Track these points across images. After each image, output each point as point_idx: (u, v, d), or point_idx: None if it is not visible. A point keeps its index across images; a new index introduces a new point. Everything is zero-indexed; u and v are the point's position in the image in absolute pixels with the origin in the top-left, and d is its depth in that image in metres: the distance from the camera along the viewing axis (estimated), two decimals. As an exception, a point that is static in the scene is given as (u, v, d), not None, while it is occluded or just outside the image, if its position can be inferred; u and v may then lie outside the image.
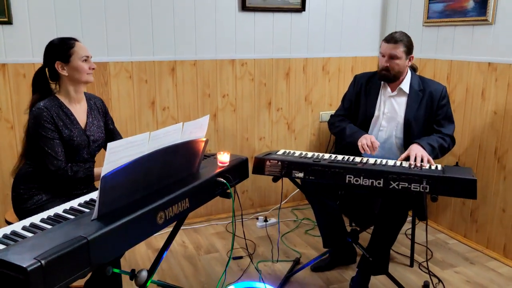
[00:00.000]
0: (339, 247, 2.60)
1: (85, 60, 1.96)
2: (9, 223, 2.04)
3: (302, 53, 3.38)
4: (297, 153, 2.32)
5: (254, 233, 3.12)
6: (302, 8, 3.27)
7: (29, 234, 1.40)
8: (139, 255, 2.77)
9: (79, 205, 1.67)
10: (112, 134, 2.20)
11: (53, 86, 2.02)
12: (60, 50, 1.94)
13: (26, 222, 1.49)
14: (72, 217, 1.54)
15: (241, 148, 3.32)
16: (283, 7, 3.21)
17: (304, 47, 3.38)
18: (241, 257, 2.76)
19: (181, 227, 2.07)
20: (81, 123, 2.00)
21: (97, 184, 2.19)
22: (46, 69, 1.99)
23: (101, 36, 2.78)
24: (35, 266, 1.18)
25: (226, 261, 2.71)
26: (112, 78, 2.86)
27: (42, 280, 1.20)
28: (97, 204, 1.45)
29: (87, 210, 1.60)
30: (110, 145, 1.42)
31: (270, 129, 3.41)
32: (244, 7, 3.10)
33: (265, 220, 3.23)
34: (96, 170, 2.01)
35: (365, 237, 2.85)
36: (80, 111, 2.01)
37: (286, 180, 2.27)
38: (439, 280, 2.48)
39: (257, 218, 3.27)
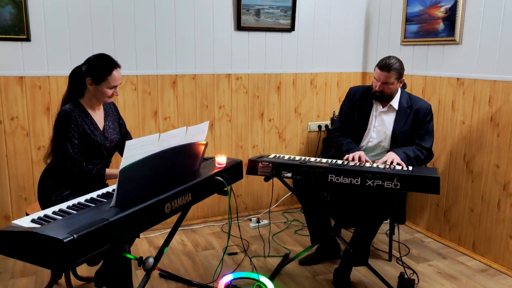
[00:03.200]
0: (325, 242, 2.88)
1: (112, 87, 2.23)
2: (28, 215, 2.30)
3: (292, 68, 3.70)
4: (286, 156, 2.61)
5: (248, 232, 3.39)
6: (291, 28, 3.60)
7: (59, 217, 1.68)
8: (142, 251, 3.03)
9: (98, 196, 1.95)
10: (126, 136, 2.48)
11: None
12: (97, 71, 2.18)
13: (55, 208, 1.77)
14: (93, 205, 1.82)
15: (236, 154, 3.61)
16: (275, 27, 3.54)
17: (294, 63, 3.71)
18: (235, 253, 3.03)
19: (180, 228, 2.34)
20: (100, 126, 2.29)
21: (109, 182, 2.48)
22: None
23: (110, 51, 3.04)
24: (69, 238, 1.45)
25: (221, 257, 2.97)
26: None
27: (74, 251, 1.46)
28: (115, 193, 1.73)
29: (105, 200, 1.88)
30: (128, 142, 1.71)
31: (263, 138, 3.71)
32: (239, 27, 3.43)
33: (258, 221, 3.50)
34: (107, 170, 2.28)
35: (347, 234, 3.13)
36: (98, 116, 2.30)
37: (278, 184, 2.55)
38: (413, 272, 2.75)
39: (250, 220, 3.55)
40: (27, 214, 2.34)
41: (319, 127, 3.88)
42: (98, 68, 2.19)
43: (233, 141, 3.61)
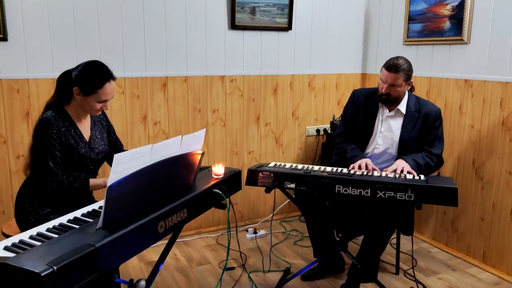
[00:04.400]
0: (329, 256, 2.69)
1: (102, 101, 1.98)
2: (6, 235, 2.07)
3: (289, 70, 3.51)
4: (288, 165, 2.41)
5: (244, 245, 3.19)
6: (288, 27, 3.41)
7: (37, 243, 1.46)
8: (131, 267, 2.80)
9: (83, 215, 1.73)
10: (115, 145, 2.26)
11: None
12: (87, 81, 1.93)
13: (33, 231, 1.54)
14: (77, 226, 1.60)
15: (231, 161, 3.41)
16: (271, 25, 3.35)
17: (291, 64, 3.52)
18: (233, 268, 2.82)
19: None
20: (86, 137, 2.06)
21: (96, 194, 2.26)
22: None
23: (95, 52, 2.85)
24: (48, 271, 1.23)
25: (218, 272, 2.77)
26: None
27: (54, 285, 1.25)
28: (102, 213, 1.52)
29: (91, 220, 1.66)
30: (116, 156, 1.49)
31: (259, 143, 3.51)
32: (233, 26, 3.22)
33: (255, 232, 3.30)
34: (92, 181, 2.05)
35: (353, 247, 2.95)
36: (85, 125, 2.07)
37: (275, 192, 2.35)
38: (424, 287, 2.58)
39: (247, 230, 3.35)
40: (3, 234, 2.11)
41: (318, 131, 3.70)
42: (89, 79, 1.94)
43: (228, 147, 3.40)
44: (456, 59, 2.98)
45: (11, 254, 1.36)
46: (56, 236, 1.51)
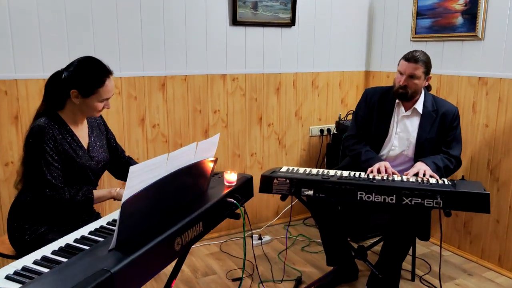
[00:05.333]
0: (344, 265, 2.56)
1: (104, 100, 1.81)
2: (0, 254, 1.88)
3: (292, 67, 3.36)
4: (301, 169, 2.26)
5: (250, 252, 3.03)
6: (292, 23, 3.25)
7: (43, 269, 1.28)
8: (132, 280, 2.62)
9: (90, 233, 1.55)
10: (116, 152, 2.08)
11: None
12: (85, 81, 1.76)
13: (37, 255, 1.36)
14: (86, 247, 1.43)
15: (233, 165, 3.24)
16: (273, 21, 3.19)
17: (294, 61, 3.36)
18: (241, 279, 2.67)
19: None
20: (84, 144, 1.87)
21: (98, 208, 2.07)
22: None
23: (89, 51, 2.64)
24: (61, 307, 1.06)
25: (225, 283, 2.61)
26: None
27: (69, 322, 1.08)
28: (116, 232, 1.34)
29: (100, 239, 1.49)
30: (132, 168, 1.32)
31: (262, 145, 3.36)
32: (234, 22, 3.05)
33: (260, 238, 3.15)
34: (95, 192, 1.87)
35: (371, 256, 2.83)
36: (82, 132, 1.89)
37: (276, 196, 2.17)
38: (443, 294, 2.48)
39: (252, 237, 3.19)
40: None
41: (321, 131, 3.56)
42: (87, 78, 1.76)
43: (230, 149, 3.23)
44: (469, 55, 2.87)
45: (16, 285, 1.18)
46: (64, 260, 1.33)
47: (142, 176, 1.39)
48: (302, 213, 3.60)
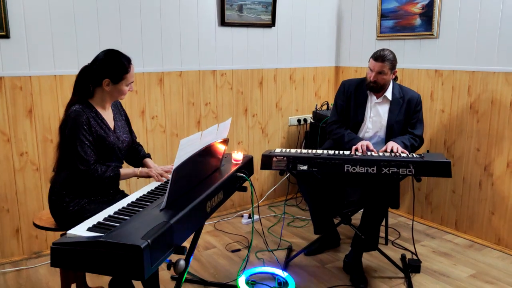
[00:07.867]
0: (328, 233, 2.96)
1: (130, 83, 2.12)
2: (38, 226, 2.12)
3: (273, 63, 3.74)
4: (293, 150, 2.63)
5: (242, 229, 3.38)
6: (272, 23, 3.63)
7: (115, 224, 1.57)
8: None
9: (132, 203, 1.82)
10: (131, 135, 2.36)
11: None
12: (115, 70, 2.05)
13: (104, 214, 1.66)
14: (139, 209, 1.73)
15: (223, 152, 3.57)
16: (256, 22, 3.55)
17: (274, 58, 3.74)
18: (239, 250, 3.01)
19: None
20: (111, 126, 2.16)
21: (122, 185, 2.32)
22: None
23: (95, 50, 2.89)
24: (144, 244, 1.37)
25: (226, 254, 2.95)
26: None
27: (150, 256, 1.39)
28: (167, 194, 1.67)
29: (148, 204, 1.79)
30: (182, 141, 1.66)
31: (247, 134, 3.71)
32: (223, 23, 3.39)
33: (249, 217, 3.50)
34: (122, 170, 2.16)
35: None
36: (109, 116, 2.17)
37: (262, 179, 2.50)
38: (414, 252, 2.93)
39: (242, 216, 3.54)
40: (34, 224, 2.15)
41: (299, 121, 3.96)
42: (115, 67, 2.06)
43: (220, 138, 3.56)
44: (426, 52, 3.36)
45: (98, 234, 1.47)
46: (128, 217, 1.63)
47: (186, 148, 1.72)
48: (283, 196, 3.98)
